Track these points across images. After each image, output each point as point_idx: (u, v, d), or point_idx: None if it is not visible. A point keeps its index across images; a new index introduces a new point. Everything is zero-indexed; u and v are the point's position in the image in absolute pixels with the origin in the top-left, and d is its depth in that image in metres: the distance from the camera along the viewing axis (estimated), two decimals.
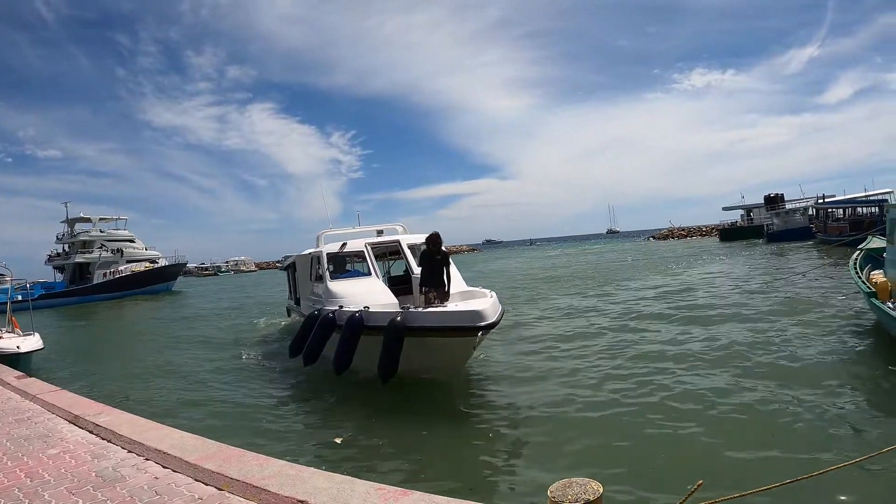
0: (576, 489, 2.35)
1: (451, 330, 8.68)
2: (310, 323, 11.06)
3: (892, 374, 8.71)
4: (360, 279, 12.51)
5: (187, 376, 13.30)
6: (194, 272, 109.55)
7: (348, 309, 10.28)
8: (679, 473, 5.70)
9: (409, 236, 13.87)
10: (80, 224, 62.16)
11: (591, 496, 2.31)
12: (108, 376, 14.19)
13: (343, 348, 9.64)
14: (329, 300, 11.50)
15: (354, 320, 9.62)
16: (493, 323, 8.70)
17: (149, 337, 22.28)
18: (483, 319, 8.52)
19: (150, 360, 16.06)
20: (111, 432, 5.78)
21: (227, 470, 4.29)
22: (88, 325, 32.65)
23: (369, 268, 12.62)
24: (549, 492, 2.35)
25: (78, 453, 5.36)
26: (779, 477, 3.88)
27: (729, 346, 11.28)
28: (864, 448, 5.97)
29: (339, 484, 3.77)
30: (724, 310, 16.05)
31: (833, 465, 4.21)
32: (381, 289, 11.80)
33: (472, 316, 8.59)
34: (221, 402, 10.52)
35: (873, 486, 5.23)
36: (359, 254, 13.09)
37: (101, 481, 4.53)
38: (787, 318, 13.92)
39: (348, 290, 11.61)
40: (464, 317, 8.64)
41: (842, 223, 42.85)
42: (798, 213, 55.21)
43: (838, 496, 4.99)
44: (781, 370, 9.29)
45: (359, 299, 10.72)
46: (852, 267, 13.83)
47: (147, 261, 61.45)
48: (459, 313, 8.76)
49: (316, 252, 13.57)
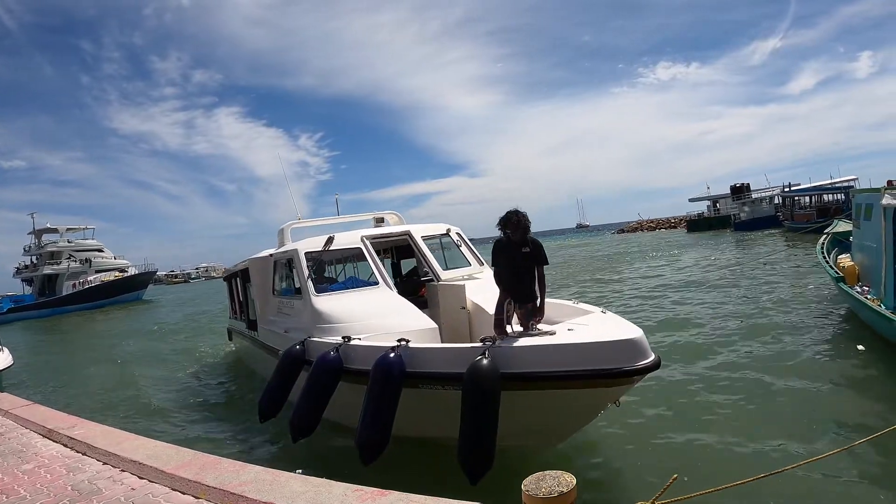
0: (549, 482, 2.39)
1: (593, 377, 5.08)
2: (290, 368, 7.30)
3: (860, 356, 8.95)
4: (363, 291, 8.40)
5: (159, 386, 13.21)
6: (164, 280, 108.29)
7: (362, 343, 6.68)
8: (653, 467, 5.77)
9: (422, 226, 9.83)
10: (47, 235, 61.25)
11: (564, 488, 2.36)
12: (80, 390, 13.98)
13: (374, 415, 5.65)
14: (316, 326, 7.76)
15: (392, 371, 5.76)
16: (656, 362, 5.17)
17: (118, 349, 21.99)
18: (645, 356, 5.13)
19: (121, 371, 15.88)
20: (86, 445, 5.73)
21: (204, 478, 4.28)
22: (58, 338, 32.13)
23: (374, 272, 8.66)
24: (524, 485, 2.39)
25: (53, 467, 5.31)
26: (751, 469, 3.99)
27: (697, 336, 11.47)
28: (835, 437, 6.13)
29: (316, 487, 3.79)
30: (692, 299, 16.28)
31: (805, 459, 4.32)
32: (399, 305, 7.95)
33: (627, 350, 5.11)
34: (195, 412, 10.49)
35: (845, 477, 5.27)
36: (354, 252, 9.18)
37: (77, 495, 4.50)
38: (755, 304, 14.18)
39: (347, 309, 7.86)
40: (613, 352, 5.08)
41: (808, 210, 43.64)
42: (765, 201, 56.02)
43: (807, 488, 5.05)
44: (751, 357, 9.47)
45: (371, 324, 7.38)
46: (819, 251, 14.10)
47: (116, 270, 60.55)
48: (603, 347, 5.13)
49: (284, 253, 9.68)
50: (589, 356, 5.08)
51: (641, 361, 5.05)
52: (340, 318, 7.62)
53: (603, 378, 5.06)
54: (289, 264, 9.64)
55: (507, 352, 5.34)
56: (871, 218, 10.07)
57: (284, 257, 9.73)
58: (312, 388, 6.43)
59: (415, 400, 5.80)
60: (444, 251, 9.71)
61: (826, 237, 15.31)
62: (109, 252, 63.74)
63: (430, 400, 5.83)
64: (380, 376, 5.75)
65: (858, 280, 10.77)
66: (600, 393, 5.25)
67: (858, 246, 11.42)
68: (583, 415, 5.74)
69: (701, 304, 15.35)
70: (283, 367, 7.32)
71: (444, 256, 9.51)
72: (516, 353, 5.31)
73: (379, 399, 5.66)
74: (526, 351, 5.32)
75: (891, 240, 8.94)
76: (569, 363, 5.10)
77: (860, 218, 11.11)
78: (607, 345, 5.13)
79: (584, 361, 5.06)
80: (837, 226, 16.59)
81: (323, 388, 6.42)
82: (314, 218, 11.64)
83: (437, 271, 8.84)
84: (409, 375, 5.76)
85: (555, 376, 5.16)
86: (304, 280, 8.51)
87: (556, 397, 5.28)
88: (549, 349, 5.28)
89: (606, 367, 5.01)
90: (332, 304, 8.01)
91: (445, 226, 9.91)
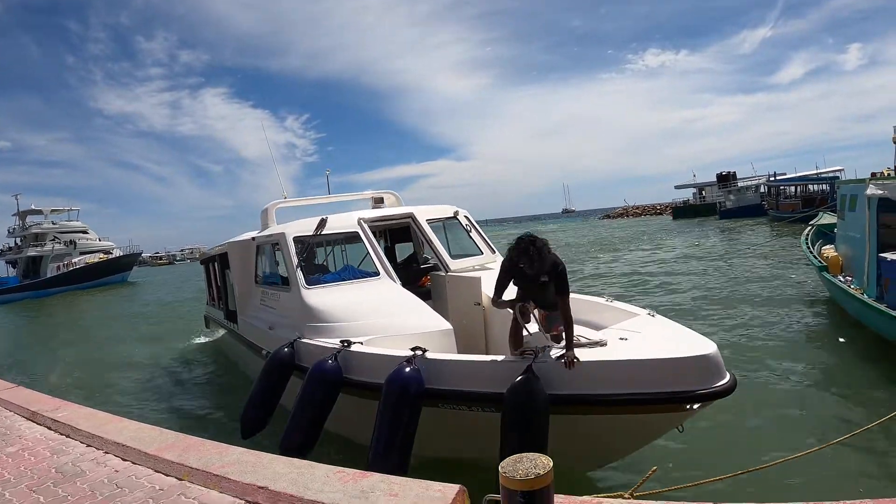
0: (526, 464, 2.41)
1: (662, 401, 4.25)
2: (278, 375, 6.38)
3: (842, 347, 9.05)
4: (362, 283, 7.42)
5: (142, 370, 13.21)
6: (149, 262, 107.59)
7: (367, 350, 5.78)
8: (632, 459, 5.71)
9: (427, 208, 8.78)
10: (31, 216, 60.51)
11: (541, 470, 2.37)
12: (64, 372, 13.93)
13: (388, 444, 4.82)
14: (308, 325, 6.78)
15: (409, 389, 4.91)
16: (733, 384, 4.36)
17: (102, 331, 21.90)
18: (721, 375, 4.33)
19: (104, 354, 15.87)
20: (70, 427, 5.72)
21: (187, 459, 4.29)
22: (42, 320, 31.89)
23: (373, 260, 7.68)
24: (500, 467, 2.40)
25: (37, 450, 5.30)
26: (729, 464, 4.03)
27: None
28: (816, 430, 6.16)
29: (298, 469, 3.81)
30: (677, 286, 16.39)
31: (783, 456, 4.34)
32: (405, 301, 6.98)
33: (702, 369, 4.27)
34: (178, 394, 10.53)
35: (825, 472, 5.25)
36: (350, 236, 8.21)
37: (61, 477, 4.50)
38: (736, 292, 14.31)
39: (344, 304, 6.86)
40: (686, 372, 4.25)
41: (794, 200, 43.95)
42: (751, 190, 56.37)
43: (789, 482, 5.04)
44: (731, 346, 9.55)
45: (373, 323, 6.43)
46: (804, 242, 14.25)
47: (101, 252, 59.99)
48: (673, 365, 4.27)
49: (269, 236, 8.54)
50: (656, 376, 4.26)
51: (718, 383, 4.27)
52: (336, 316, 6.66)
53: (673, 403, 4.26)
54: (273, 249, 8.68)
55: (555, 368, 4.49)
56: (856, 209, 10.18)
57: (269, 241, 8.59)
58: (307, 404, 5.55)
59: (432, 421, 4.99)
60: (447, 235, 8.62)
61: (811, 228, 15.48)
62: (94, 234, 63.12)
63: (453, 421, 5.05)
64: (394, 397, 4.90)
65: (842, 270, 10.90)
66: (665, 419, 4.48)
67: (842, 237, 11.54)
68: (638, 442, 4.93)
69: (681, 293, 15.46)
70: (269, 373, 6.42)
71: (447, 241, 8.45)
72: (566, 370, 4.44)
73: (393, 424, 4.82)
74: (579, 368, 4.43)
75: (875, 230, 9.04)
76: (631, 384, 4.29)
77: (845, 209, 11.22)
78: (678, 363, 4.28)
79: (650, 382, 4.26)
80: (822, 218, 16.75)
81: (319, 404, 5.54)
82: (302, 197, 10.62)
83: (446, 260, 7.84)
84: (429, 394, 4.94)
85: (615, 400, 4.33)
86: (292, 269, 7.43)
87: (612, 423, 4.51)
88: (607, 367, 4.43)
89: (679, 389, 4.21)
90: (326, 298, 7.01)
91: (453, 208, 8.93)
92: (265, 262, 9.10)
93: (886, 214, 9.14)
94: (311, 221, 7.94)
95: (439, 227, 8.57)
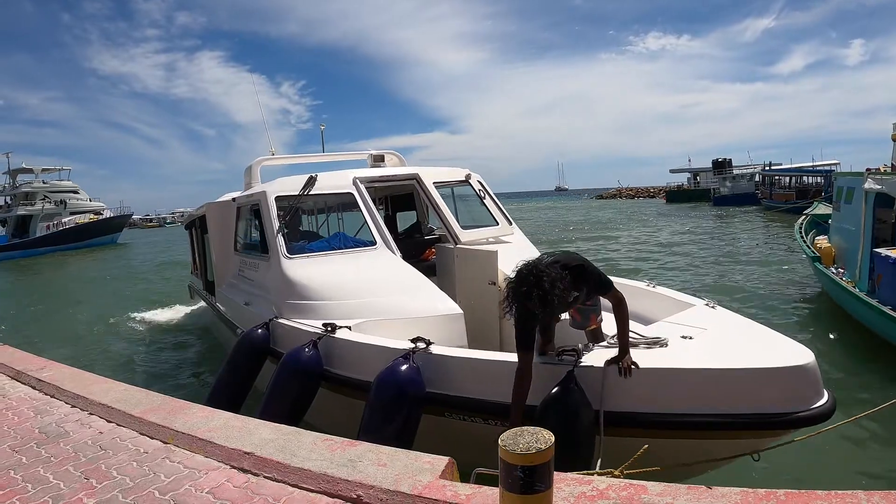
0: (527, 438, 2.35)
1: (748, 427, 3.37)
2: (248, 359, 5.58)
3: (834, 342, 9.07)
4: (355, 254, 6.24)
5: (131, 330, 13.19)
6: (139, 224, 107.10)
7: (353, 338, 4.86)
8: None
9: (435, 169, 7.56)
10: (22, 175, 59.94)
11: (542, 445, 2.32)
12: (50, 332, 13.86)
13: None
14: (286, 302, 5.79)
15: (405, 395, 4.06)
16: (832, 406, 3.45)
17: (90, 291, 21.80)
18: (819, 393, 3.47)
19: (92, 314, 15.76)
20: (54, 387, 5.65)
21: (173, 423, 4.24)
22: (29, 280, 31.72)
23: (368, 227, 6.50)
24: (501, 440, 2.35)
25: (20, 410, 5.23)
26: None
27: None
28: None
29: (285, 435, 3.77)
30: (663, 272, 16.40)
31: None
32: (407, 277, 5.88)
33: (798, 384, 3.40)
34: (165, 356, 10.49)
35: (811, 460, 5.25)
36: (344, 199, 6.95)
37: (44, 438, 4.44)
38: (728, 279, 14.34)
39: (331, 279, 5.81)
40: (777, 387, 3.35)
41: (788, 191, 44.13)
42: (745, 178, 56.48)
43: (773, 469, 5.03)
44: None
45: (366, 303, 5.46)
46: (798, 231, 14.25)
47: (91, 212, 59.55)
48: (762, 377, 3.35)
49: (249, 197, 7.44)
50: (744, 390, 3.33)
51: (818, 403, 3.37)
52: (321, 293, 5.65)
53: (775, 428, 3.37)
54: (253, 211, 7.35)
55: (604, 376, 3.56)
56: (852, 201, 10.18)
57: (249, 202, 7.42)
58: (279, 398, 4.79)
59: (433, 432, 4.15)
60: (455, 202, 7.55)
61: (805, 218, 15.47)
62: (85, 194, 62.62)
63: (462, 435, 4.02)
64: (384, 402, 4.06)
65: (834, 262, 10.91)
66: (747, 445, 3.50)
67: (837, 228, 11.54)
68: (702, 467, 3.67)
69: (672, 280, 15.45)
70: (238, 356, 5.61)
71: (455, 209, 7.32)
72: (618, 379, 3.51)
73: (382, 434, 3.86)
74: (636, 377, 3.49)
75: (870, 223, 9.05)
76: (709, 400, 3.35)
77: (841, 200, 11.21)
78: (774, 374, 3.33)
79: (734, 398, 3.33)
80: (817, 208, 16.75)
81: (293, 399, 4.77)
82: (292, 155, 9.28)
83: (456, 230, 6.69)
84: (430, 400, 4.08)
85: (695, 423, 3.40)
86: (272, 234, 6.25)
87: (675, 448, 3.49)
88: (676, 376, 3.46)
89: (771, 412, 3.29)
90: (311, 270, 5.93)
91: (464, 171, 7.69)
92: (246, 226, 7.97)
93: (882, 209, 9.17)
94: (298, 179, 6.68)
95: (448, 195, 7.41)
